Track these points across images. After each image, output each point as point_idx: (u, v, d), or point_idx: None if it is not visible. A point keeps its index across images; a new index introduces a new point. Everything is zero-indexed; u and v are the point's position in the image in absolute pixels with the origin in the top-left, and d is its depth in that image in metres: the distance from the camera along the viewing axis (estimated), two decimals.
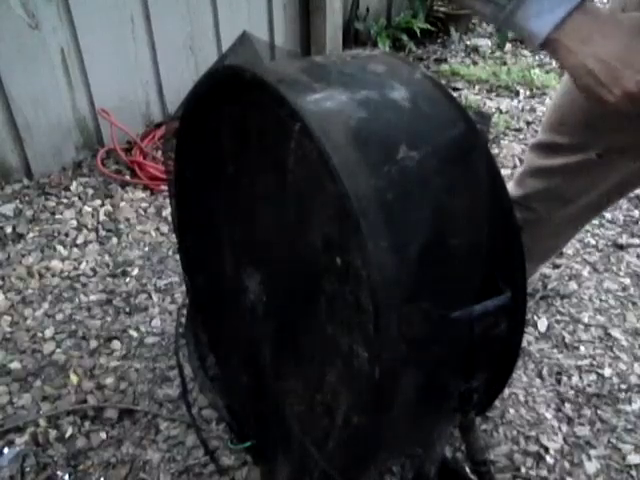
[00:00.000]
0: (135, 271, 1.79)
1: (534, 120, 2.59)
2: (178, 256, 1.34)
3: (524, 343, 1.53)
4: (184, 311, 1.41)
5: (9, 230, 1.92)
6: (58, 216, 2.00)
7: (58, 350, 1.53)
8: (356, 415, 0.80)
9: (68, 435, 1.33)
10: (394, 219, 0.67)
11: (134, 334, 1.58)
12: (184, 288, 1.46)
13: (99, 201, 2.07)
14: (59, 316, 1.63)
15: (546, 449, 1.31)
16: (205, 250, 1.18)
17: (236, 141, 0.94)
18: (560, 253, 1.80)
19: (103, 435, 1.33)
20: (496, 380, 0.84)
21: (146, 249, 1.89)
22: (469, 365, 0.76)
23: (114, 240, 1.92)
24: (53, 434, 1.33)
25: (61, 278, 1.76)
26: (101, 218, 2.00)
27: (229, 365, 1.27)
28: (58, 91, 2.11)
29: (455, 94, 2.74)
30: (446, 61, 3.17)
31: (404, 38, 3.15)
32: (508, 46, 3.31)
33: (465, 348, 0.73)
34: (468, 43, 3.32)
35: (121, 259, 1.84)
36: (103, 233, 1.94)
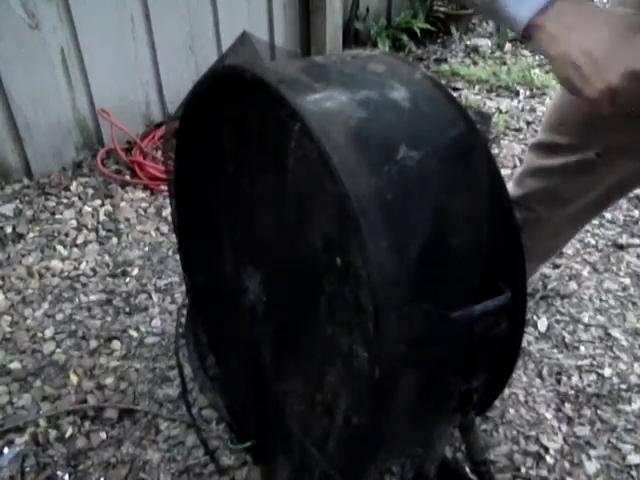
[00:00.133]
0: (135, 271, 1.79)
1: (534, 120, 2.59)
2: (178, 256, 1.34)
3: (524, 343, 1.53)
4: (184, 311, 1.41)
5: (9, 230, 1.92)
6: (58, 216, 2.00)
7: (58, 350, 1.53)
8: (356, 415, 0.80)
9: (68, 435, 1.33)
10: (394, 219, 0.67)
11: (134, 334, 1.58)
12: (184, 288, 1.46)
13: (99, 201, 2.07)
14: (59, 316, 1.63)
15: (546, 449, 1.31)
16: (205, 250, 1.18)
17: (236, 141, 0.94)
18: (560, 253, 1.80)
19: (103, 435, 1.33)
20: (496, 380, 0.84)
21: (146, 249, 1.89)
22: (469, 365, 0.76)
23: (114, 240, 1.92)
24: (53, 434, 1.33)
25: (61, 278, 1.76)
26: (101, 218, 2.00)
27: (229, 365, 1.27)
28: (58, 91, 2.11)
29: (455, 94, 2.74)
30: (446, 61, 3.17)
31: (404, 38, 3.15)
32: (508, 46, 3.31)
33: (465, 348, 0.73)
34: (468, 43, 3.32)
35: (121, 259, 1.84)
36: (103, 233, 1.94)
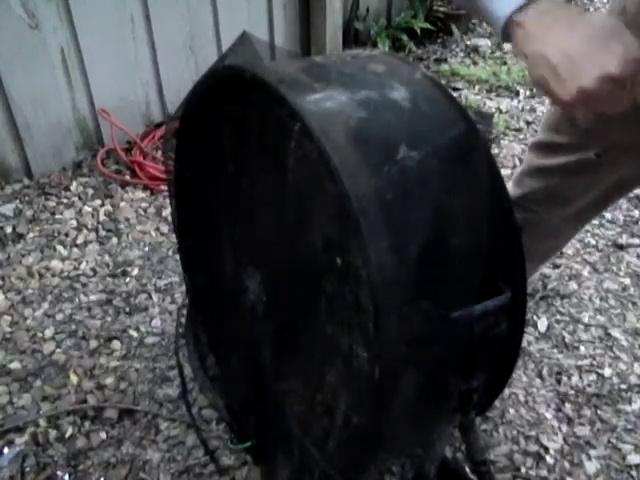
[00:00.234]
0: (135, 271, 1.79)
1: (534, 120, 2.59)
2: (178, 256, 1.34)
3: (524, 343, 1.53)
4: (184, 311, 1.41)
5: (9, 230, 1.92)
6: (58, 216, 2.00)
7: (58, 350, 1.53)
8: (356, 415, 0.80)
9: (68, 435, 1.33)
10: (394, 219, 0.67)
11: (134, 334, 1.58)
12: (184, 288, 1.46)
13: (99, 201, 2.07)
14: (59, 316, 1.63)
15: (546, 449, 1.31)
16: (205, 250, 1.18)
17: (236, 141, 0.94)
18: (560, 253, 1.80)
19: (103, 435, 1.33)
20: (496, 380, 0.84)
21: (146, 249, 1.89)
22: (469, 365, 0.76)
23: (114, 240, 1.92)
24: (53, 434, 1.33)
25: (61, 278, 1.76)
26: (101, 218, 2.00)
27: (229, 365, 1.27)
28: (58, 91, 2.11)
29: (455, 94, 2.74)
30: (446, 61, 3.17)
31: (404, 38, 3.15)
32: (508, 46, 3.31)
33: (465, 348, 0.73)
34: (468, 43, 3.32)
35: (121, 259, 1.84)
36: (103, 233, 1.94)
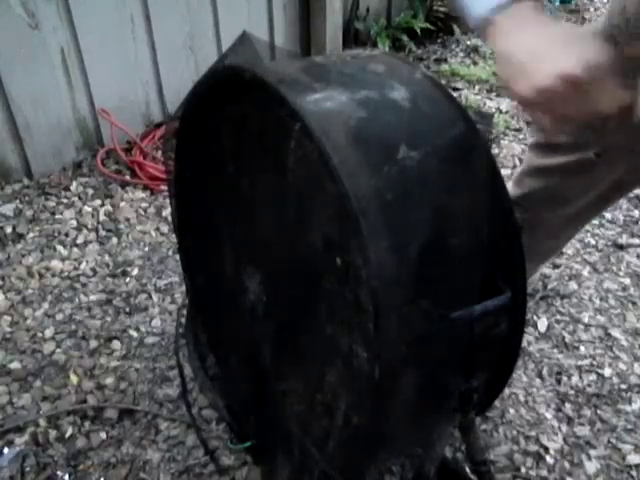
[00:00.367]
0: (135, 271, 1.79)
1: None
2: (178, 256, 1.34)
3: (524, 343, 1.53)
4: (184, 311, 1.41)
5: (9, 230, 1.92)
6: (58, 216, 2.00)
7: (58, 350, 1.53)
8: (356, 415, 0.80)
9: (68, 435, 1.33)
10: (394, 219, 0.67)
11: (134, 334, 1.57)
12: (184, 288, 1.46)
13: (99, 201, 2.07)
14: (59, 316, 1.63)
15: (546, 449, 1.31)
16: (205, 250, 1.18)
17: (236, 141, 0.94)
18: (560, 253, 1.80)
19: (103, 435, 1.33)
20: (496, 380, 0.84)
21: (146, 249, 1.89)
22: (469, 365, 0.76)
23: (114, 240, 1.92)
24: (53, 434, 1.32)
25: (61, 278, 1.76)
26: (101, 218, 2.00)
27: (229, 365, 1.27)
28: (58, 91, 2.11)
29: (455, 94, 2.74)
30: (446, 61, 3.16)
31: (404, 38, 3.15)
32: None
33: (465, 348, 0.73)
34: (468, 43, 3.32)
35: (121, 259, 1.84)
36: (103, 233, 1.94)
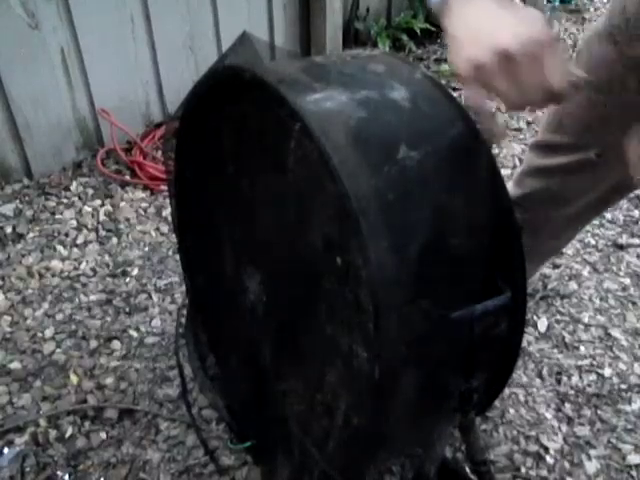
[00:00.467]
0: (135, 271, 1.79)
1: (534, 120, 2.59)
2: (178, 256, 1.34)
3: (524, 343, 1.53)
4: (184, 311, 1.41)
5: (9, 230, 1.92)
6: (58, 216, 1.99)
7: (58, 350, 1.53)
8: (356, 415, 0.80)
9: (68, 435, 1.33)
10: (394, 219, 0.67)
11: (134, 334, 1.57)
12: (184, 288, 1.46)
13: (99, 201, 2.07)
14: (59, 316, 1.63)
15: (546, 449, 1.31)
16: (205, 250, 1.18)
17: (236, 141, 0.94)
18: (560, 253, 1.80)
19: (103, 435, 1.33)
20: (496, 380, 0.84)
21: (146, 249, 1.89)
22: (469, 365, 0.76)
23: (114, 240, 1.92)
24: (53, 434, 1.32)
25: (61, 278, 1.76)
26: (101, 218, 2.00)
27: (229, 365, 1.27)
28: (58, 91, 2.11)
29: (455, 94, 2.73)
30: (446, 61, 3.16)
31: (404, 38, 3.15)
32: None
33: (465, 348, 0.73)
34: None
35: (121, 259, 1.84)
36: (103, 233, 1.94)
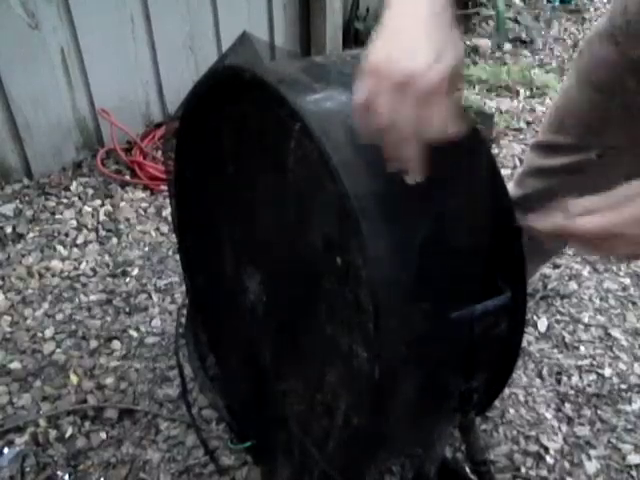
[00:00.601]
0: (135, 271, 1.79)
1: (534, 120, 2.59)
2: (178, 256, 1.34)
3: (524, 343, 1.53)
4: (184, 311, 1.41)
5: (9, 230, 1.92)
6: (58, 216, 1.99)
7: (58, 350, 1.53)
8: (356, 415, 0.80)
9: (68, 435, 1.33)
10: (394, 219, 0.67)
11: (134, 334, 1.57)
12: (184, 288, 1.46)
13: (99, 201, 2.07)
14: (59, 316, 1.63)
15: (546, 449, 1.31)
16: (205, 250, 1.18)
17: (236, 141, 0.94)
18: (560, 253, 1.80)
19: (103, 435, 1.33)
20: (496, 380, 0.84)
21: (146, 249, 1.89)
22: (469, 365, 0.76)
23: (114, 240, 1.92)
24: (53, 434, 1.32)
25: (61, 278, 1.76)
26: (101, 218, 2.00)
27: (229, 365, 1.27)
28: (58, 91, 2.11)
29: None
30: None
31: None
32: (508, 46, 3.31)
33: (465, 348, 0.73)
34: (468, 43, 3.31)
35: (121, 259, 1.84)
36: (103, 233, 1.94)
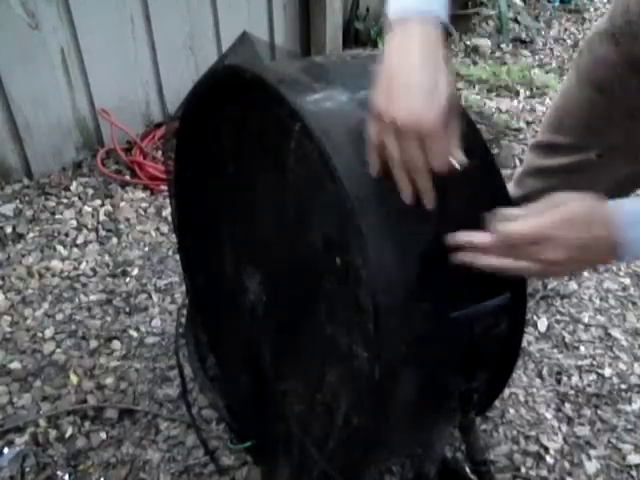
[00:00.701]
0: (135, 271, 1.79)
1: (534, 120, 2.59)
2: (178, 256, 1.34)
3: (524, 343, 1.53)
4: (184, 311, 1.41)
5: (9, 230, 1.92)
6: (58, 216, 1.99)
7: (58, 350, 1.53)
8: (356, 415, 0.80)
9: (68, 435, 1.32)
10: (394, 219, 0.67)
11: (134, 334, 1.57)
12: (184, 288, 1.46)
13: (99, 201, 2.07)
14: (59, 316, 1.63)
15: (546, 449, 1.31)
16: (205, 250, 1.18)
17: (236, 141, 0.94)
18: None
19: (103, 435, 1.33)
20: (496, 380, 0.84)
21: (146, 249, 1.89)
22: (469, 365, 0.76)
23: (114, 240, 1.92)
24: (53, 434, 1.32)
25: (61, 278, 1.76)
26: (101, 218, 1.99)
27: (229, 365, 1.27)
28: (58, 91, 2.11)
29: None
30: None
31: None
32: (508, 46, 3.31)
33: (465, 348, 0.73)
34: (468, 43, 3.31)
35: (121, 259, 1.84)
36: (103, 233, 1.94)
